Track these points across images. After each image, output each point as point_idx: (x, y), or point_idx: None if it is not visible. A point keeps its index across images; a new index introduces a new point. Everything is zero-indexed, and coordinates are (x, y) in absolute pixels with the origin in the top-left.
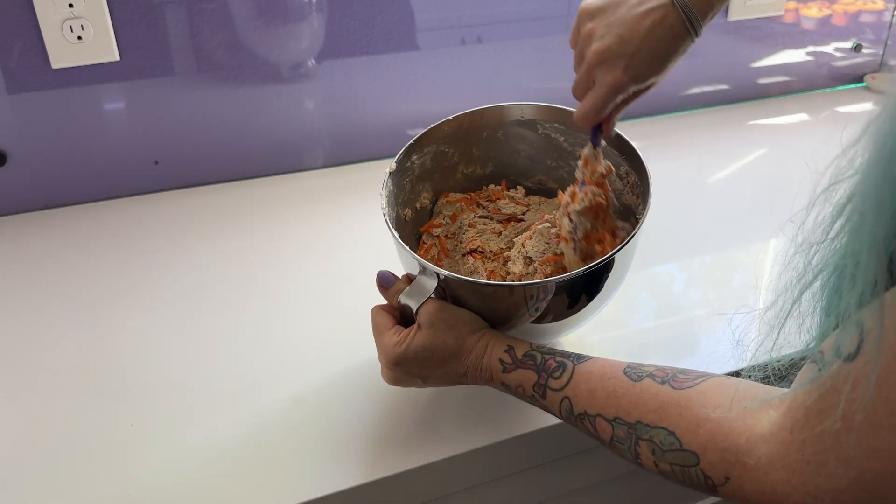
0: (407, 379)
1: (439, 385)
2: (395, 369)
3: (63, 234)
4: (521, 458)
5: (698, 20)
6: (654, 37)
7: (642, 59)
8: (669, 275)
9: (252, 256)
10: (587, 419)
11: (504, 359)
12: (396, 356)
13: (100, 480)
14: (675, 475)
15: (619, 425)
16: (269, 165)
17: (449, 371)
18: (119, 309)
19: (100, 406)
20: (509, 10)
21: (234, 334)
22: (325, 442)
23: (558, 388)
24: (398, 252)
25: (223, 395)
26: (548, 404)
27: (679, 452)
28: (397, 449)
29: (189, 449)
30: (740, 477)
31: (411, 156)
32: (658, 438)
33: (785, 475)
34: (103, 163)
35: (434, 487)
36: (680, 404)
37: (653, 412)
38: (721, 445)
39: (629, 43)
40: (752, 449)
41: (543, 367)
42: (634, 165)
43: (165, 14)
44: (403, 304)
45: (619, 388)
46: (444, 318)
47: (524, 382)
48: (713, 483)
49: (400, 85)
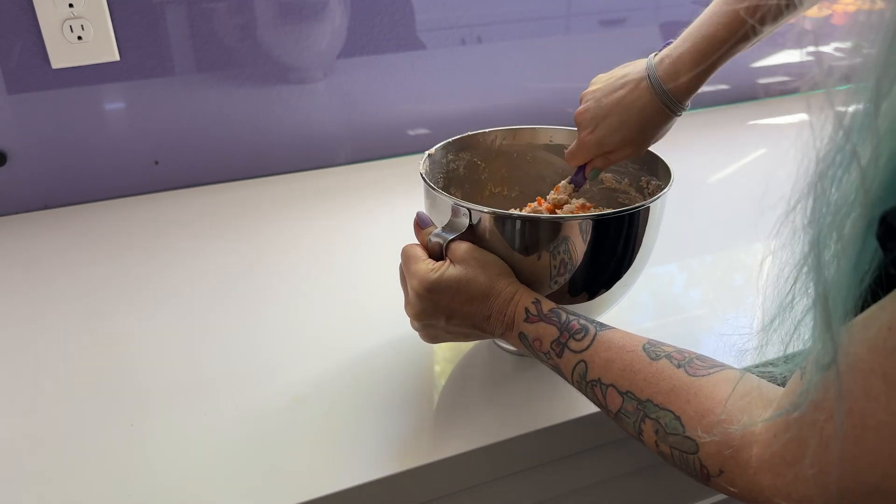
0: (433, 311)
1: (459, 327)
2: (426, 297)
3: (63, 234)
4: (521, 458)
5: (670, 97)
6: (623, 105)
7: (610, 123)
8: (669, 275)
9: (252, 256)
10: (599, 387)
11: (530, 308)
12: (431, 282)
13: (99, 480)
14: (673, 459)
15: (630, 399)
16: (269, 165)
17: (474, 310)
18: (119, 309)
19: (100, 406)
20: (509, 10)
21: (234, 334)
22: (325, 442)
23: (577, 350)
24: (429, 207)
25: (223, 395)
26: (560, 364)
27: (681, 438)
28: (397, 449)
29: (189, 449)
30: (732, 472)
31: (448, 153)
32: (664, 420)
33: (770, 479)
34: (103, 163)
35: (434, 487)
36: (690, 391)
37: (664, 394)
38: (719, 438)
39: (602, 108)
40: (746, 447)
41: (567, 326)
42: (651, 167)
43: (165, 14)
44: (435, 240)
45: (636, 363)
46: (477, 257)
47: (543, 336)
48: (708, 473)
49: (399, 85)
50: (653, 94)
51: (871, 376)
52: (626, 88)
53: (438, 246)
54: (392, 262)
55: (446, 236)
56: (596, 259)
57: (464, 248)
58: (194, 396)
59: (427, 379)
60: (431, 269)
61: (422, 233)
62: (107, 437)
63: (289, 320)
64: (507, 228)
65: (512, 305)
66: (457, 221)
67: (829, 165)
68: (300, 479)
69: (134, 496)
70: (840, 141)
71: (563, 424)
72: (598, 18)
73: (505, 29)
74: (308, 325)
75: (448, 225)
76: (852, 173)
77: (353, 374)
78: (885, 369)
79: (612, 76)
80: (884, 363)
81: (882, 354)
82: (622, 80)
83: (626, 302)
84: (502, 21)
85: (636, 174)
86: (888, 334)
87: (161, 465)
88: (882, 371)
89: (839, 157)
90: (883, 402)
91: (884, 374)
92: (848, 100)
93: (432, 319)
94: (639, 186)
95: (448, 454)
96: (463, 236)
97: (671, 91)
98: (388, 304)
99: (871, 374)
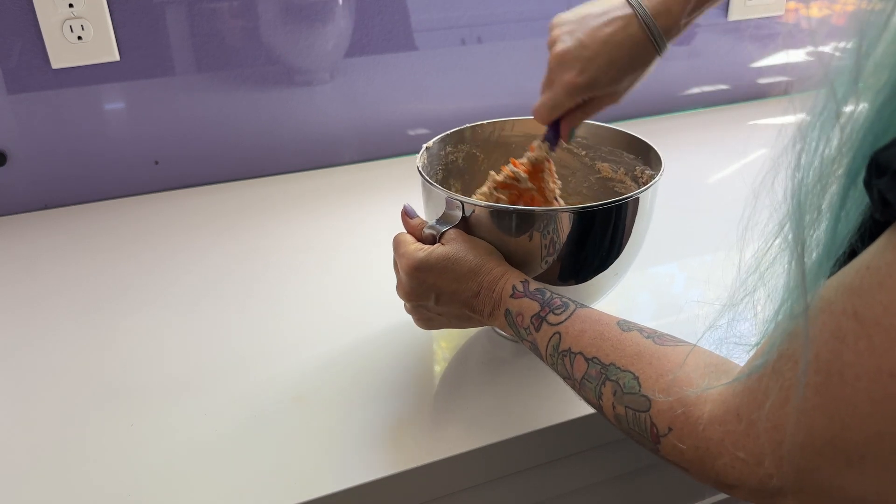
0: (421, 291)
1: (449, 306)
2: (414, 276)
3: (63, 234)
4: (520, 458)
5: (661, 35)
6: (612, 44)
7: (599, 64)
8: (669, 275)
9: (251, 256)
10: (568, 356)
11: (517, 286)
12: (418, 260)
13: (99, 480)
14: (626, 420)
15: (595, 365)
16: (269, 165)
17: (462, 288)
18: (119, 309)
19: (99, 406)
20: (509, 10)
21: (234, 334)
22: (325, 442)
23: (554, 323)
24: (425, 199)
25: (223, 394)
26: (538, 338)
27: (636, 396)
28: (397, 448)
29: (189, 449)
30: (681, 430)
31: (446, 146)
32: (623, 381)
33: (720, 434)
34: (103, 163)
35: (434, 487)
36: (654, 355)
37: (628, 357)
38: (673, 395)
39: (587, 47)
40: (700, 404)
41: (549, 302)
42: (645, 158)
43: (165, 14)
44: (429, 232)
45: (606, 333)
46: (467, 240)
47: (525, 311)
48: (657, 432)
49: (399, 85)
50: (645, 32)
51: (842, 317)
52: (615, 25)
53: (431, 237)
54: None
55: (440, 228)
56: (586, 246)
57: (454, 234)
58: (194, 396)
59: (427, 379)
60: (419, 249)
61: (409, 222)
62: (107, 437)
63: (289, 320)
64: (500, 220)
65: (501, 282)
66: (450, 214)
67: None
68: (300, 479)
69: (134, 496)
70: (824, 96)
71: (563, 424)
72: None
73: (505, 29)
74: (308, 325)
75: (442, 217)
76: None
77: (354, 374)
78: (856, 308)
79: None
80: (856, 302)
81: (856, 293)
82: (605, 16)
83: (626, 302)
84: (502, 21)
85: (631, 164)
86: (865, 273)
87: (161, 465)
88: (854, 310)
89: (824, 111)
90: (851, 343)
91: (855, 313)
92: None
93: (422, 300)
94: (634, 176)
95: (448, 454)
96: (456, 227)
97: (663, 28)
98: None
99: (843, 315)
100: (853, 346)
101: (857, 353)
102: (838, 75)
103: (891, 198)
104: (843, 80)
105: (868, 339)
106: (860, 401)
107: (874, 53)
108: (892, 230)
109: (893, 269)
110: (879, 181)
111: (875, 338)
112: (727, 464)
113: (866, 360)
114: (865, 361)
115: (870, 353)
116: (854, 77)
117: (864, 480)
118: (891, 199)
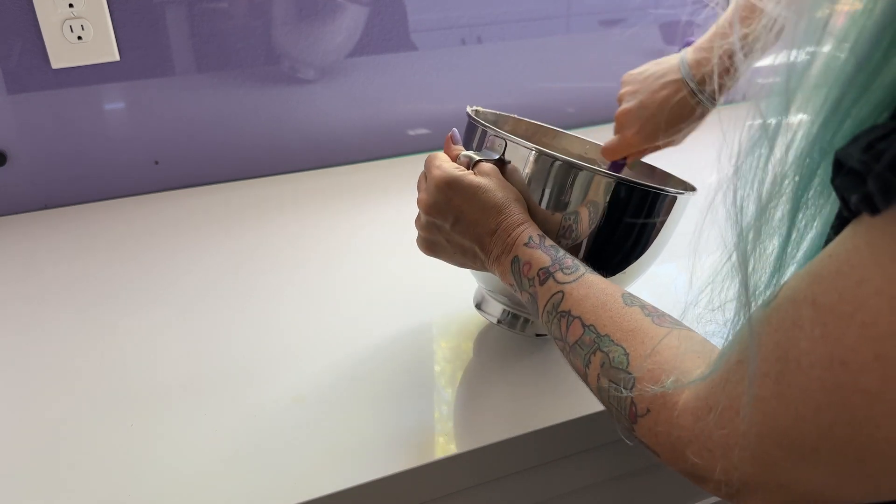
0: (444, 207)
1: (462, 236)
2: (444, 189)
3: (63, 234)
4: (520, 459)
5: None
6: (667, 106)
7: (655, 123)
8: (669, 275)
9: (252, 256)
10: (566, 317)
11: (533, 237)
12: (453, 177)
13: (99, 480)
14: (608, 394)
15: (590, 332)
16: (269, 165)
17: (483, 220)
18: (119, 309)
19: (99, 406)
20: (509, 10)
21: (234, 334)
22: (325, 442)
23: (561, 282)
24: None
25: (223, 394)
26: (539, 291)
27: (622, 372)
28: (397, 449)
29: (188, 449)
30: (658, 413)
31: (488, 122)
32: (613, 354)
33: (691, 421)
34: (103, 163)
35: (434, 487)
36: (648, 335)
37: (623, 331)
38: (656, 377)
39: (646, 108)
40: (678, 390)
41: (560, 260)
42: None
43: (165, 14)
44: (464, 158)
45: (609, 303)
46: (501, 180)
47: (534, 262)
48: (636, 412)
49: (399, 85)
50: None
51: (802, 304)
52: (669, 89)
53: (466, 163)
54: (391, 262)
55: (475, 157)
56: (609, 234)
57: (489, 166)
58: (194, 396)
59: (427, 380)
60: (457, 168)
61: (451, 147)
62: (107, 437)
63: (288, 320)
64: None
65: (519, 229)
66: (490, 151)
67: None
68: (300, 479)
69: (134, 496)
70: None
71: (563, 424)
72: (598, 18)
73: (505, 29)
74: (307, 325)
75: (481, 151)
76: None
77: (354, 374)
78: (815, 295)
79: (649, 76)
80: (816, 289)
81: (816, 281)
82: (661, 80)
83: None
84: (502, 21)
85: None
86: (827, 261)
87: (161, 465)
88: (813, 297)
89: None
90: (808, 329)
91: (814, 301)
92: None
93: (440, 217)
94: None
95: (448, 454)
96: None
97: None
98: (388, 303)
99: (804, 303)
100: (809, 334)
101: (812, 341)
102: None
103: (846, 195)
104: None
105: (822, 326)
106: (813, 389)
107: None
108: (855, 221)
109: (851, 256)
110: (835, 179)
111: (829, 325)
112: (696, 453)
113: (820, 348)
114: (819, 349)
115: (823, 341)
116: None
117: (820, 474)
118: (846, 197)
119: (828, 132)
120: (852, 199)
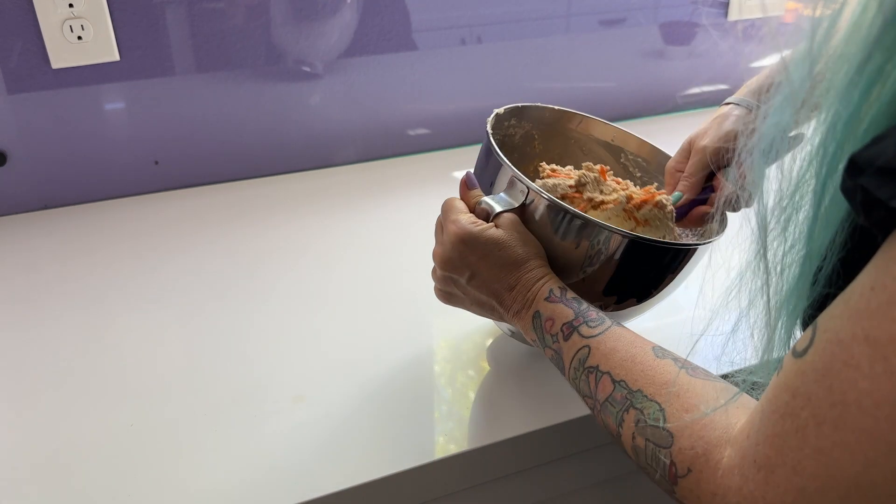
0: (459, 263)
1: (479, 290)
2: (459, 246)
3: (63, 234)
4: (520, 459)
5: None
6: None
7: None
8: None
9: (251, 256)
10: (595, 373)
11: (554, 290)
12: (469, 233)
13: (99, 480)
14: (644, 454)
15: (621, 388)
16: (269, 165)
17: (501, 277)
18: (119, 308)
19: (99, 406)
20: (509, 10)
21: (234, 334)
22: (325, 442)
23: (586, 336)
24: (482, 164)
25: (223, 394)
26: (564, 347)
27: (659, 430)
28: (397, 449)
29: (188, 449)
30: (700, 472)
31: (511, 117)
32: (648, 410)
33: (738, 482)
34: (103, 163)
35: (434, 487)
36: (682, 387)
37: (657, 385)
38: (697, 435)
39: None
40: (720, 447)
41: (584, 313)
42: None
43: (165, 14)
44: (483, 207)
45: (639, 356)
46: (522, 232)
47: (557, 317)
48: (675, 472)
49: (399, 85)
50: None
51: (852, 343)
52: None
53: (486, 214)
54: (391, 262)
55: (496, 207)
56: (625, 280)
57: (511, 219)
58: (194, 397)
59: (427, 380)
60: (474, 223)
61: (468, 193)
62: (107, 437)
63: (289, 320)
64: (558, 220)
65: (539, 283)
66: (511, 194)
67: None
68: (300, 479)
69: (133, 496)
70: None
71: (562, 425)
72: (598, 18)
73: (505, 29)
74: (308, 325)
75: (502, 196)
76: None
77: (354, 374)
78: (867, 331)
79: None
80: (866, 325)
81: (864, 317)
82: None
83: None
84: (502, 21)
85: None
86: (871, 294)
87: (160, 465)
88: (864, 334)
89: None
90: (865, 368)
91: (866, 337)
92: None
93: (456, 272)
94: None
95: (448, 454)
96: (513, 211)
97: None
98: (388, 303)
99: (853, 341)
100: (868, 372)
101: (873, 379)
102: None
103: (880, 194)
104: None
105: (884, 361)
106: (883, 431)
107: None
108: (887, 245)
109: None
110: (862, 179)
111: (892, 358)
112: None
113: (885, 385)
114: (884, 386)
115: (888, 376)
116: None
117: None
118: (881, 196)
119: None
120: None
